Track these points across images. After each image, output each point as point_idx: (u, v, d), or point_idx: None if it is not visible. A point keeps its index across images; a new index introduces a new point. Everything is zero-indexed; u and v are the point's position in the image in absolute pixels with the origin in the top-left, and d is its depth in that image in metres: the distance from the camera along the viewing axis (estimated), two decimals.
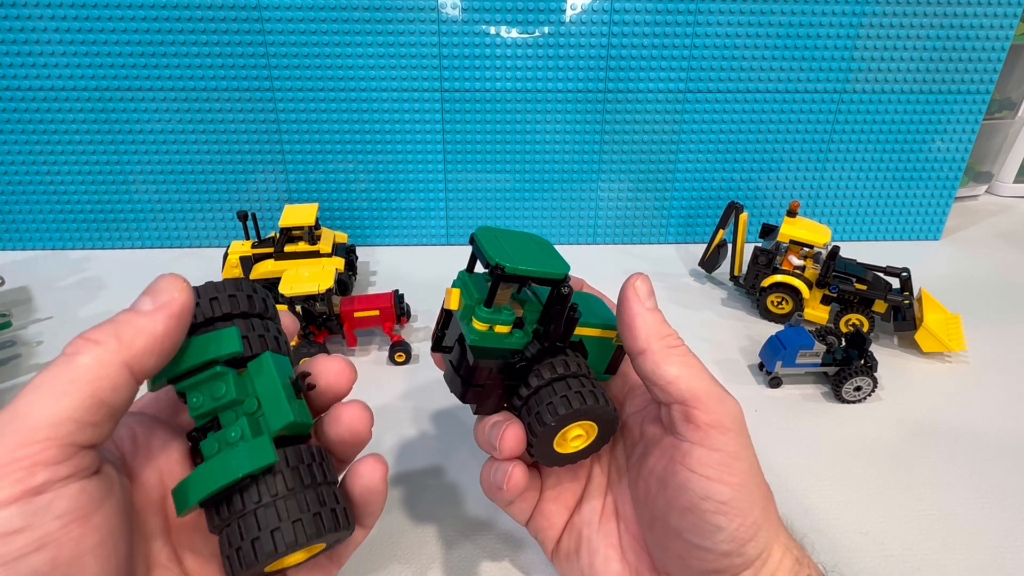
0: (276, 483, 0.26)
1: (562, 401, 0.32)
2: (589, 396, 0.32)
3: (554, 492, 0.37)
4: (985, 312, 0.68)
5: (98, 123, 0.73)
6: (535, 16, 0.71)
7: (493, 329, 0.32)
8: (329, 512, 0.27)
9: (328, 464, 0.29)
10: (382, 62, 0.72)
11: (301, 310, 0.58)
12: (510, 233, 0.34)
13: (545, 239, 0.36)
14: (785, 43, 0.74)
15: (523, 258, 0.32)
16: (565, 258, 0.33)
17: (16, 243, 0.78)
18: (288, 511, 0.26)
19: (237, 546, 0.25)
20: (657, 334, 0.32)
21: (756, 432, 0.52)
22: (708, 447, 0.30)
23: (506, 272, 0.31)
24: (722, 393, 0.31)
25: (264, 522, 0.25)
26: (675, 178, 0.81)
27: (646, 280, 0.34)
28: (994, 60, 0.76)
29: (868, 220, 0.85)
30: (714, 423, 0.30)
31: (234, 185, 0.78)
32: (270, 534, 0.25)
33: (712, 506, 0.29)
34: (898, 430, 0.53)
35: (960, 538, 0.43)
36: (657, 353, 0.31)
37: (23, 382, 0.56)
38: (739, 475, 0.30)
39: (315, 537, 0.26)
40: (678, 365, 0.31)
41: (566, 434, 0.33)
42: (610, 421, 0.33)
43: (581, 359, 0.35)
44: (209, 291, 0.29)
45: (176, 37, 0.70)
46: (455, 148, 0.78)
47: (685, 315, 0.68)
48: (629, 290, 0.33)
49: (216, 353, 0.27)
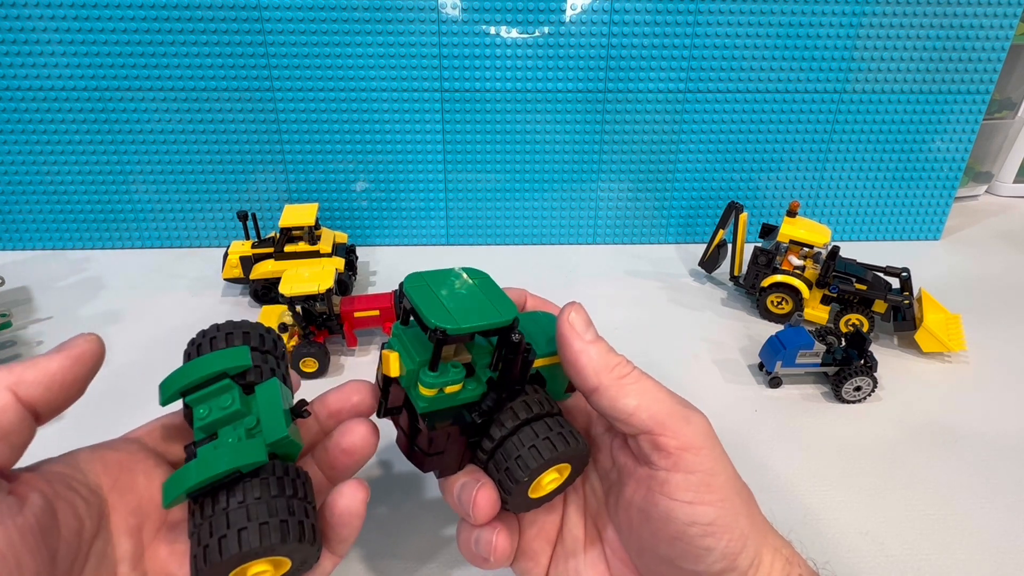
0: (251, 488, 0.27)
1: (531, 453, 0.30)
2: (559, 440, 0.30)
3: (533, 529, 0.36)
4: (985, 312, 0.68)
5: (98, 123, 0.73)
6: (535, 16, 0.71)
7: (443, 391, 0.30)
8: (296, 523, 0.27)
9: (307, 485, 0.29)
10: (382, 62, 0.72)
11: (301, 310, 0.58)
12: (443, 275, 0.32)
13: (483, 273, 0.33)
14: (785, 43, 0.74)
15: (464, 311, 0.29)
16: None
17: (16, 243, 0.78)
18: (257, 514, 0.26)
19: (205, 544, 0.26)
20: (605, 367, 0.30)
21: (756, 432, 0.52)
22: (684, 471, 0.29)
23: (448, 335, 0.28)
24: (686, 411, 0.30)
25: (233, 522, 0.26)
26: (675, 178, 0.81)
27: (580, 310, 0.32)
28: (994, 60, 0.76)
29: (868, 220, 0.85)
30: (684, 446, 0.29)
31: (234, 185, 0.78)
32: (237, 533, 0.26)
33: (699, 530, 0.28)
34: (898, 430, 0.53)
35: (960, 538, 0.43)
36: (610, 388, 0.30)
37: None
38: (720, 490, 0.29)
39: (279, 544, 0.26)
40: (635, 395, 0.30)
41: (540, 481, 0.31)
42: (583, 458, 0.32)
43: (541, 393, 0.33)
44: (226, 327, 0.32)
45: (176, 37, 0.70)
46: (455, 148, 0.78)
47: (685, 315, 0.68)
48: (565, 327, 0.31)
49: (227, 365, 0.29)
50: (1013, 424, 0.53)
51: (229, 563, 0.26)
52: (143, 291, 0.70)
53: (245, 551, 0.25)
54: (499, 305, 0.30)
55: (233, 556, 0.25)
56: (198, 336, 0.32)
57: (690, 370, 0.60)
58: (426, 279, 0.31)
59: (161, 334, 0.63)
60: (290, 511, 0.27)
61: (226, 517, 0.26)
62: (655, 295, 0.72)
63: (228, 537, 0.26)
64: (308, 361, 0.57)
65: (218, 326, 0.32)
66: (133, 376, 0.57)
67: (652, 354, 0.62)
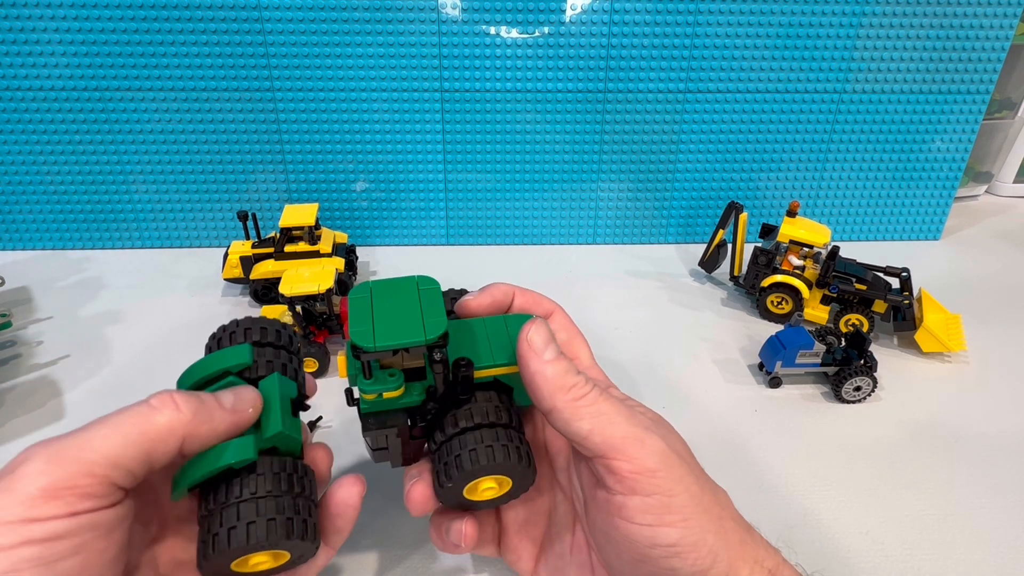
0: (259, 483, 0.28)
1: (469, 456, 0.30)
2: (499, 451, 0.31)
3: (516, 525, 0.36)
4: (985, 312, 0.68)
5: (98, 123, 0.73)
6: (535, 16, 0.71)
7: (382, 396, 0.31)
8: (301, 521, 0.29)
9: (310, 481, 0.31)
10: (382, 62, 0.72)
11: (301, 310, 0.58)
12: (392, 286, 0.32)
13: (434, 284, 0.33)
14: (785, 43, 0.74)
15: (388, 329, 0.29)
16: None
17: (16, 243, 0.78)
18: (265, 510, 0.28)
19: (215, 532, 0.27)
20: (561, 388, 0.30)
21: (756, 432, 0.52)
22: (641, 494, 0.28)
23: (364, 352, 0.29)
24: (641, 433, 0.29)
25: (243, 515, 0.28)
26: (675, 178, 0.81)
27: (540, 328, 0.31)
28: (994, 60, 0.76)
29: (868, 220, 0.85)
30: (639, 470, 0.28)
31: (234, 185, 0.78)
32: (246, 526, 0.27)
33: (662, 551, 0.28)
34: (898, 430, 0.53)
35: (960, 538, 0.43)
36: (564, 410, 0.29)
37: (23, 382, 0.56)
38: (680, 511, 0.28)
39: (283, 539, 0.28)
40: (588, 418, 0.29)
41: (476, 485, 0.32)
42: (524, 477, 0.32)
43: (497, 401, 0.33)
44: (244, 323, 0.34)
45: (176, 37, 0.70)
46: (455, 148, 0.78)
47: (685, 315, 0.68)
48: (523, 345, 0.31)
49: (228, 364, 0.31)
50: (1013, 424, 0.53)
51: (235, 552, 0.27)
52: (143, 291, 0.70)
53: (252, 544, 0.27)
54: (430, 322, 0.30)
55: (240, 547, 0.27)
56: (218, 331, 0.34)
57: (690, 370, 0.60)
58: (372, 290, 0.32)
59: (161, 334, 0.63)
60: (296, 510, 0.29)
61: (236, 510, 0.28)
62: (655, 295, 0.72)
63: (237, 529, 0.27)
64: (308, 361, 0.57)
65: (237, 322, 0.34)
66: (133, 376, 0.57)
67: (652, 354, 0.62)
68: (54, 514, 0.23)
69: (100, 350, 0.60)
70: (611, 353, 0.62)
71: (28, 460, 0.24)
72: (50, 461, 0.24)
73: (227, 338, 0.34)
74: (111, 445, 0.25)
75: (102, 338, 0.62)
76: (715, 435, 0.52)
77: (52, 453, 0.25)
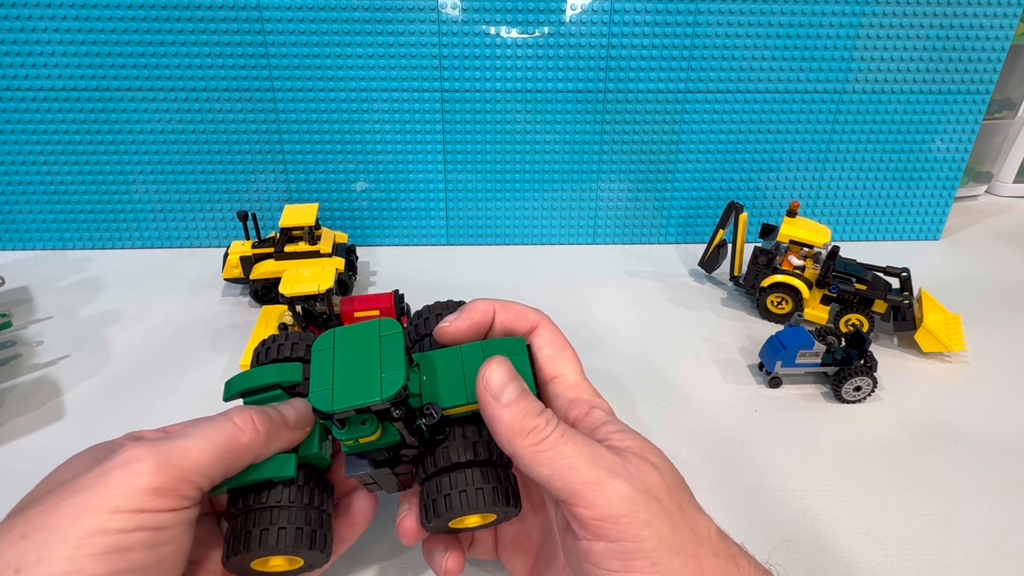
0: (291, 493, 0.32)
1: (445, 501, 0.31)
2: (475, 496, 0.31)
3: (509, 537, 0.37)
4: (985, 312, 0.68)
5: (98, 123, 0.73)
6: (535, 16, 0.71)
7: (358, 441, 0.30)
8: (322, 535, 0.32)
9: (329, 498, 0.34)
10: (382, 62, 0.72)
11: (301, 310, 0.58)
12: (354, 335, 0.31)
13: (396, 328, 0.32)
14: (785, 43, 0.74)
15: (347, 388, 0.29)
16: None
17: (16, 243, 0.78)
18: (295, 519, 0.31)
19: (247, 530, 0.30)
20: (519, 434, 0.29)
21: (756, 432, 0.52)
22: (606, 540, 0.27)
23: (323, 414, 0.29)
24: (603, 477, 0.28)
25: (275, 519, 0.31)
26: (675, 178, 0.81)
27: (497, 367, 0.30)
28: (994, 60, 0.76)
29: (868, 220, 0.85)
30: (601, 516, 0.27)
31: (234, 185, 0.78)
32: (276, 531, 0.30)
33: None
34: (898, 430, 0.53)
35: (960, 538, 0.43)
36: (524, 456, 0.29)
37: (23, 382, 0.56)
38: (648, 555, 0.27)
39: (306, 549, 0.31)
40: (548, 463, 0.28)
41: (461, 520, 0.32)
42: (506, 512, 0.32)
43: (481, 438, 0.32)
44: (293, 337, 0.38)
45: (176, 37, 0.70)
46: (455, 148, 0.78)
47: (685, 315, 0.68)
48: (480, 389, 0.30)
49: (281, 378, 0.35)
50: (1013, 424, 0.53)
51: (262, 552, 0.30)
52: (143, 291, 0.70)
53: (279, 547, 0.30)
54: (388, 379, 0.29)
55: (268, 548, 0.30)
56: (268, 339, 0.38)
57: (690, 370, 0.60)
58: (337, 338, 0.32)
59: (161, 334, 0.63)
60: (320, 523, 0.32)
61: (270, 514, 0.31)
62: (655, 295, 0.72)
63: (268, 532, 0.30)
64: None
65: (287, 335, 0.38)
66: (133, 376, 0.57)
67: (652, 354, 0.62)
68: (161, 508, 0.27)
69: (100, 350, 0.60)
70: (611, 353, 0.62)
71: (139, 460, 0.27)
72: (160, 466, 0.27)
73: (275, 350, 0.37)
74: (205, 457, 0.29)
75: (102, 338, 0.62)
76: (715, 435, 0.52)
77: (160, 459, 0.28)
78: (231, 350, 0.60)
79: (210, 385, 0.56)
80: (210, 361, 0.59)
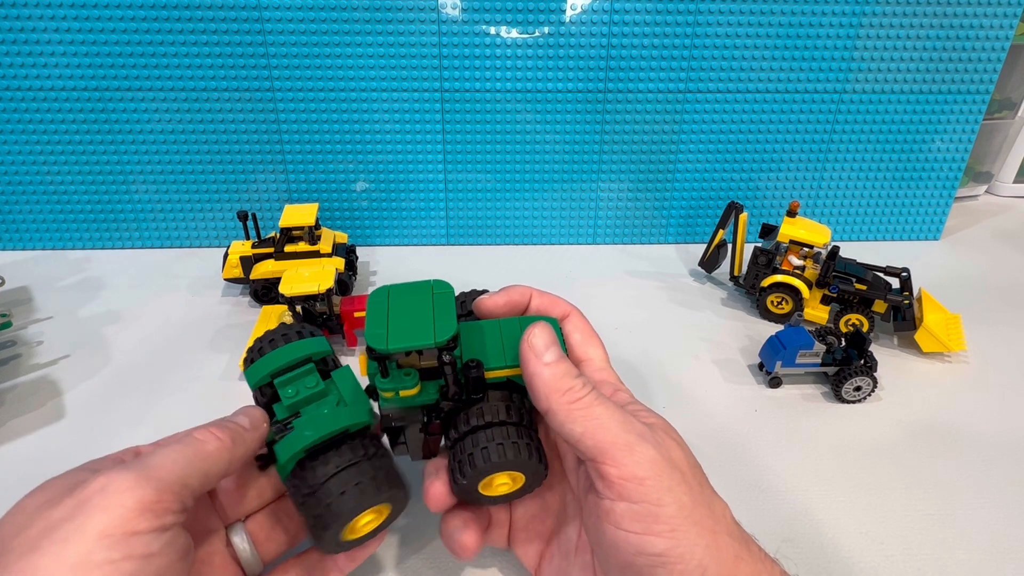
0: (354, 450, 0.32)
1: (481, 454, 0.31)
2: (510, 449, 0.32)
3: (524, 520, 0.37)
4: (985, 312, 0.68)
5: (98, 123, 0.73)
6: (535, 16, 0.71)
7: (399, 394, 0.32)
8: (395, 474, 0.33)
9: (379, 443, 0.35)
10: (382, 62, 0.72)
11: (301, 310, 0.58)
12: (409, 289, 0.34)
13: (448, 288, 0.34)
14: (785, 43, 0.74)
15: (401, 331, 0.31)
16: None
17: (16, 243, 0.78)
18: (369, 469, 0.32)
19: (328, 502, 0.31)
20: (557, 391, 0.31)
21: (756, 432, 0.52)
22: (628, 501, 0.28)
23: (378, 354, 0.31)
24: (632, 440, 0.29)
25: (351, 479, 0.31)
26: (675, 178, 0.81)
27: (543, 330, 0.32)
28: (994, 60, 0.76)
29: (868, 220, 0.85)
30: (627, 476, 0.28)
31: (234, 185, 0.78)
32: (355, 486, 0.31)
33: (648, 560, 0.28)
34: (898, 430, 0.53)
35: (960, 538, 0.43)
36: (559, 412, 0.30)
37: (23, 382, 0.56)
38: (667, 521, 0.28)
39: (387, 490, 0.32)
40: (581, 421, 0.30)
41: (491, 481, 0.33)
42: (535, 472, 0.33)
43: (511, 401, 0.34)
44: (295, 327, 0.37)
45: (176, 37, 0.70)
46: (455, 148, 0.78)
47: (685, 315, 0.68)
48: (524, 347, 0.32)
49: (311, 351, 0.35)
50: (1013, 424, 0.53)
51: (356, 510, 0.31)
52: (143, 291, 0.70)
53: (366, 502, 0.31)
54: (440, 326, 0.32)
55: (357, 506, 0.31)
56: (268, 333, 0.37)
57: (690, 370, 0.60)
58: (391, 293, 0.34)
59: (161, 334, 0.63)
60: (387, 469, 0.33)
61: (345, 475, 0.31)
62: (655, 295, 0.72)
63: (347, 494, 0.31)
64: None
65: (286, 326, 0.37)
66: (133, 376, 0.57)
67: (652, 354, 0.62)
68: (148, 527, 0.26)
69: (100, 350, 0.60)
70: (611, 353, 0.61)
71: (116, 480, 0.27)
72: (138, 480, 0.27)
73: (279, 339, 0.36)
74: (180, 467, 0.29)
75: (102, 338, 0.62)
76: (715, 435, 0.52)
77: (137, 474, 0.27)
78: (231, 350, 0.60)
79: (210, 385, 0.56)
80: (210, 361, 0.59)
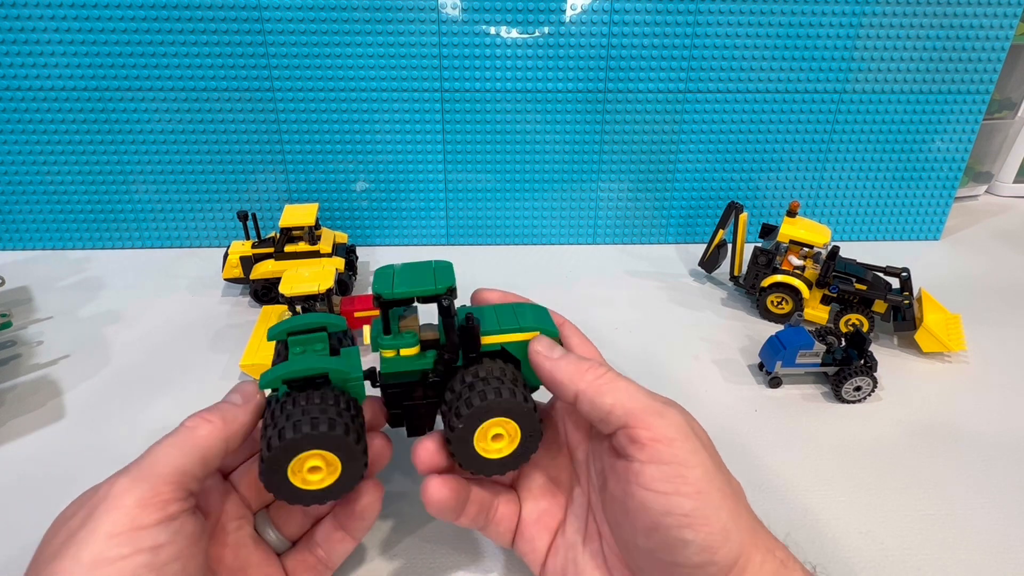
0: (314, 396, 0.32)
1: (477, 395, 0.33)
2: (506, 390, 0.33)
3: (534, 515, 0.38)
4: (985, 312, 0.68)
5: (98, 123, 0.73)
6: (535, 16, 0.71)
7: (400, 353, 0.34)
8: (343, 423, 0.31)
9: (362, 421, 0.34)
10: (382, 62, 0.72)
11: (301, 310, 0.58)
12: (410, 265, 0.36)
13: (448, 262, 0.37)
14: (785, 43, 0.74)
15: (403, 284, 0.34)
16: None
17: (16, 243, 0.78)
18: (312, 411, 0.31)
19: (268, 436, 0.31)
20: (579, 374, 0.33)
21: (756, 432, 0.52)
22: (657, 462, 0.30)
23: (384, 299, 0.33)
24: (660, 406, 0.32)
25: (292, 416, 0.31)
26: (675, 178, 0.81)
27: (541, 338, 0.36)
28: (994, 60, 0.76)
29: (868, 220, 0.85)
30: (657, 437, 0.30)
31: (234, 185, 0.78)
32: (293, 424, 0.31)
33: (675, 520, 0.29)
34: (898, 430, 0.53)
35: (960, 538, 0.43)
36: (588, 390, 0.32)
37: (23, 382, 0.56)
38: (695, 483, 0.29)
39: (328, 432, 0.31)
40: (611, 394, 0.32)
41: (486, 434, 0.33)
42: (528, 416, 0.34)
43: (505, 366, 0.35)
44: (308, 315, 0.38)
45: (176, 37, 0.70)
46: (455, 148, 0.78)
47: (685, 315, 0.68)
48: (533, 353, 0.35)
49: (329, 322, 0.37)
50: (1013, 424, 0.53)
51: (288, 449, 0.30)
52: (143, 291, 0.70)
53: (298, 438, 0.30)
54: (440, 280, 0.34)
55: (294, 442, 0.30)
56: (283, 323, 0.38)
57: (690, 370, 0.60)
58: (394, 267, 0.36)
59: (161, 334, 0.63)
60: (339, 415, 0.32)
61: (287, 414, 0.31)
62: (655, 295, 0.72)
63: (285, 428, 0.31)
64: None
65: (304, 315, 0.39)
66: (133, 376, 0.57)
67: (652, 354, 0.62)
68: (152, 520, 0.27)
69: (100, 350, 0.60)
70: (611, 353, 0.61)
71: (114, 484, 0.28)
72: (134, 480, 0.28)
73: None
74: (173, 459, 0.30)
75: (102, 338, 0.62)
76: (715, 435, 0.51)
77: (132, 475, 0.29)
78: (231, 350, 0.60)
79: (210, 385, 0.56)
80: (210, 361, 0.59)
